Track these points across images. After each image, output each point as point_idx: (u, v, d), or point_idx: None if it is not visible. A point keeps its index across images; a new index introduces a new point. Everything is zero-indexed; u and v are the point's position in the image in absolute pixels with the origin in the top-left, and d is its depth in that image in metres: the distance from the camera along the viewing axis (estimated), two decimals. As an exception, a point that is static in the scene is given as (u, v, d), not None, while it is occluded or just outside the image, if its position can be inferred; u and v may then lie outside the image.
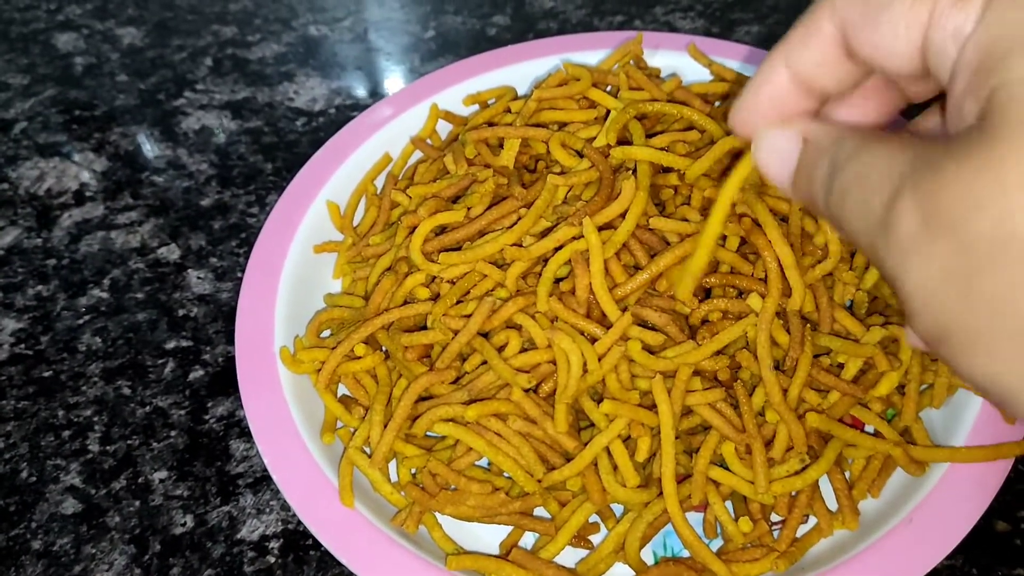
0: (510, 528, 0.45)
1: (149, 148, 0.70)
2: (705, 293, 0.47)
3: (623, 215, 0.47)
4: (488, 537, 0.46)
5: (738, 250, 0.47)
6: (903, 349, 0.46)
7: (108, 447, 0.52)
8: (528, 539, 0.46)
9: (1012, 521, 0.46)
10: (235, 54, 0.78)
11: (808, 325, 0.46)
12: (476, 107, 0.62)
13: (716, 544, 0.45)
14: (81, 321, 0.58)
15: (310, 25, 0.80)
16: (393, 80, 0.75)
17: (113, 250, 0.62)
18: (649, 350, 0.45)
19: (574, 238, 0.46)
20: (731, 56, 0.62)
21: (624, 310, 0.45)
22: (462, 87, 0.63)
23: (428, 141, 0.60)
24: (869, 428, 0.46)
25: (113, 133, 0.71)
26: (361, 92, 0.73)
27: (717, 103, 0.58)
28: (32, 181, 0.68)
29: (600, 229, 0.46)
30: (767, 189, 0.48)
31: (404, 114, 0.61)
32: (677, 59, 0.62)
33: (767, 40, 0.75)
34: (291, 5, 0.82)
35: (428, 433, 0.47)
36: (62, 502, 0.50)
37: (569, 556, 0.44)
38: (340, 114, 0.71)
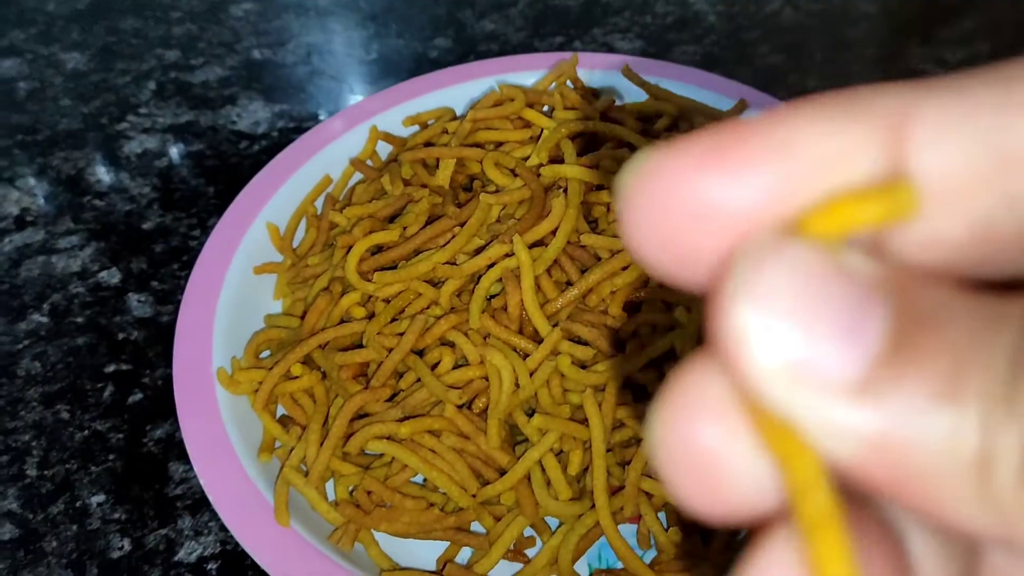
0: (446, 544, 0.46)
1: (91, 172, 0.70)
2: (635, 307, 0.48)
3: (554, 232, 0.48)
4: (425, 553, 0.46)
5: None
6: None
7: (46, 471, 0.52)
8: (465, 554, 0.46)
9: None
10: (178, 78, 0.78)
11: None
12: (416, 128, 0.62)
13: (650, 555, 0.45)
14: (20, 346, 0.58)
15: (253, 49, 0.80)
16: (335, 102, 0.76)
17: (54, 275, 0.62)
18: (580, 364, 0.45)
19: (506, 255, 0.47)
20: (666, 76, 0.64)
21: (555, 325, 0.46)
22: (402, 108, 0.63)
23: (368, 162, 0.61)
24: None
25: (56, 158, 0.71)
26: (304, 115, 0.74)
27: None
28: (-28, 207, 0.67)
29: (532, 246, 0.47)
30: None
31: (344, 136, 0.62)
32: (615, 78, 0.63)
33: (704, 60, 0.76)
34: (234, 29, 0.83)
35: (366, 451, 0.47)
36: (-1, 528, 0.49)
37: (505, 570, 0.45)
38: (283, 137, 0.71)
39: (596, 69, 0.64)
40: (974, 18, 0.81)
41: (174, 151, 0.71)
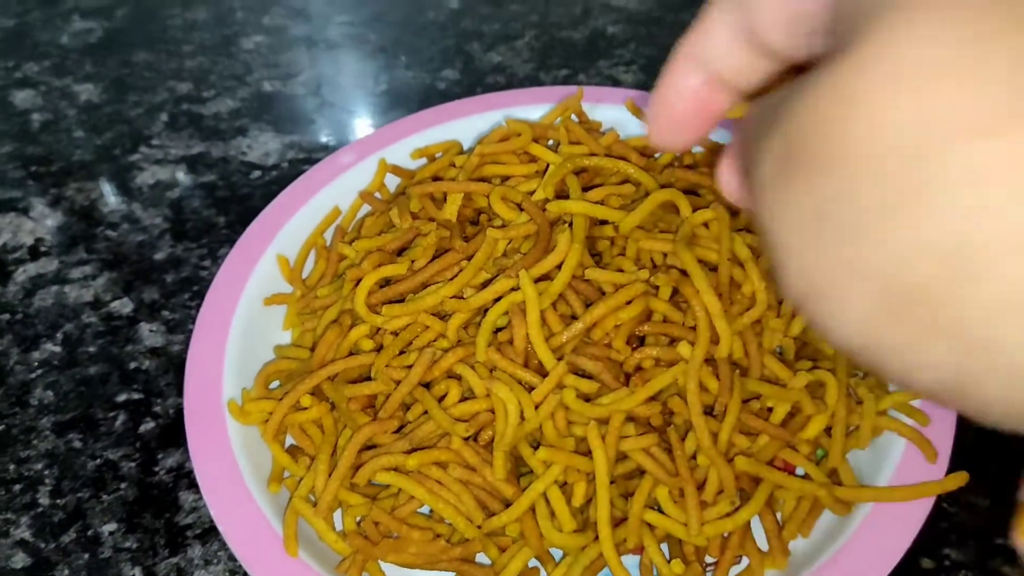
0: (452, 574, 0.46)
1: (104, 203, 0.71)
2: (640, 341, 0.49)
3: (559, 267, 0.48)
4: (431, 583, 0.47)
5: (672, 299, 0.49)
6: (829, 393, 0.48)
7: (58, 500, 0.53)
8: (470, 584, 0.47)
9: (936, 558, 0.48)
10: (190, 109, 0.79)
11: (738, 371, 0.47)
12: (423, 160, 0.63)
13: (653, 586, 0.46)
14: (33, 375, 0.59)
15: (264, 81, 0.82)
16: (345, 134, 0.77)
17: (67, 304, 0.63)
18: (584, 397, 0.46)
19: (512, 289, 0.48)
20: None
21: (560, 359, 0.47)
22: (410, 141, 0.64)
23: (376, 194, 0.62)
24: (800, 470, 0.48)
25: (69, 188, 0.72)
26: (314, 146, 0.75)
27: (656, 155, 0.60)
28: (-13, 237, 0.69)
29: (537, 280, 0.48)
30: (697, 240, 0.50)
31: (354, 168, 0.63)
32: (619, 112, 0.64)
33: (709, 92, 0.77)
34: (246, 61, 0.84)
35: (373, 482, 0.48)
36: (12, 556, 0.50)
37: (510, 600, 0.45)
38: (293, 168, 0.72)
39: (600, 103, 0.65)
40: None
41: (186, 182, 0.72)
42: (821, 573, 0.43)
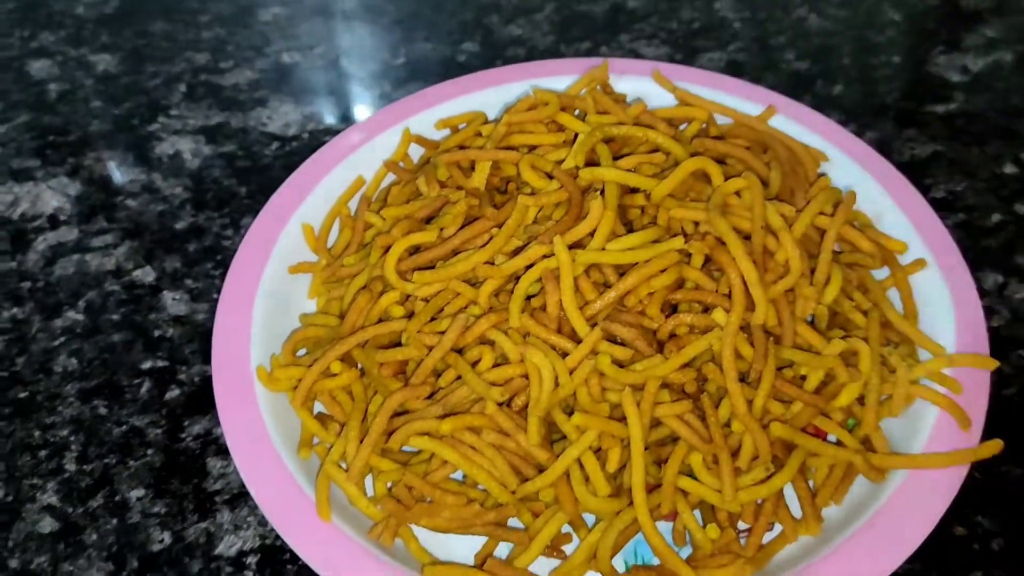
0: (485, 539, 0.46)
1: (123, 172, 0.71)
2: (672, 308, 0.49)
3: (592, 234, 0.48)
4: (463, 548, 0.47)
5: (703, 267, 0.49)
6: (863, 361, 0.47)
7: (85, 466, 0.52)
8: (503, 549, 0.47)
9: (969, 526, 0.48)
10: (208, 80, 0.79)
11: (772, 339, 0.47)
12: (447, 131, 0.63)
13: (685, 552, 0.46)
14: (56, 343, 0.59)
15: (283, 52, 0.81)
16: (364, 105, 0.76)
17: (88, 272, 0.63)
18: (618, 364, 0.46)
19: (545, 256, 0.48)
20: (694, 81, 0.64)
21: (594, 325, 0.46)
22: (433, 112, 0.64)
23: (401, 164, 0.61)
24: (832, 437, 0.48)
25: (87, 158, 0.72)
26: (333, 118, 0.74)
27: (682, 126, 0.60)
28: (6, 206, 0.68)
29: (570, 248, 0.48)
30: (729, 209, 0.50)
31: (376, 138, 0.63)
32: (642, 84, 0.64)
33: (729, 67, 0.77)
34: (264, 32, 0.84)
35: (404, 448, 0.48)
36: (39, 521, 0.50)
37: (543, 565, 0.45)
38: (313, 139, 0.72)
39: (625, 74, 0.64)
40: (997, 27, 0.82)
41: (206, 152, 0.72)
42: (855, 539, 0.43)
